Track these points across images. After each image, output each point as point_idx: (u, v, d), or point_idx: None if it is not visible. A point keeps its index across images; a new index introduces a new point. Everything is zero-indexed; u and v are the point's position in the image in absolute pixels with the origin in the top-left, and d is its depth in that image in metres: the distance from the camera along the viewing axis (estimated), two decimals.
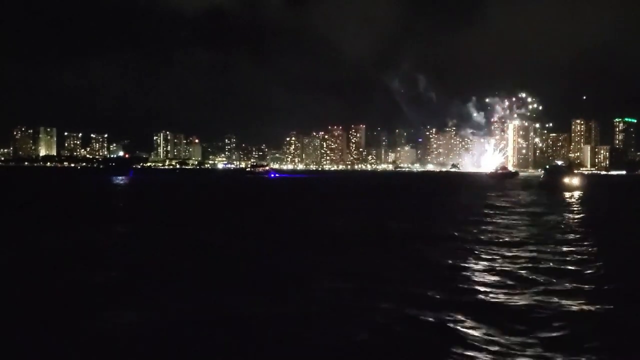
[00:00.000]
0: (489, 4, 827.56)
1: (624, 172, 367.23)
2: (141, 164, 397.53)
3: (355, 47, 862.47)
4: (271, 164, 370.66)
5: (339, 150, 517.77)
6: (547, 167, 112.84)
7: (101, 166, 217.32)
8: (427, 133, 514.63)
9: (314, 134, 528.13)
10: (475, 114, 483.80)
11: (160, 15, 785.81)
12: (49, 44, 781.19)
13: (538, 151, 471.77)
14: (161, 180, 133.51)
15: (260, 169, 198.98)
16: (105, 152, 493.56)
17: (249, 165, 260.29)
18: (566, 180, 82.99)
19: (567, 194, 72.05)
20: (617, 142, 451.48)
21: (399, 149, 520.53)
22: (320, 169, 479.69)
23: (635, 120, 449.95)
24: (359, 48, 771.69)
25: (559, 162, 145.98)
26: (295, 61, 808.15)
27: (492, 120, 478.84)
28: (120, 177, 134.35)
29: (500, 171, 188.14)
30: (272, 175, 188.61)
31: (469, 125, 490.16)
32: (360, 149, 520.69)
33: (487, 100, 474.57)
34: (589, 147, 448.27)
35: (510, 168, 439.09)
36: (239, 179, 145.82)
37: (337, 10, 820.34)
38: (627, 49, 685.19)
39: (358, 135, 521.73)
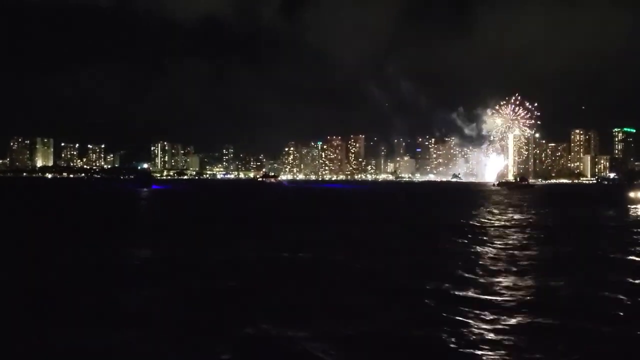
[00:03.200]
0: (483, 13, 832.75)
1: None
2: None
3: (349, 56, 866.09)
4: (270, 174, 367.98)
5: (337, 160, 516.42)
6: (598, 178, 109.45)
7: (131, 176, 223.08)
8: (426, 143, 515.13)
9: (312, 144, 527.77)
10: (466, 125, 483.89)
11: (156, 24, 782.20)
12: (43, 54, 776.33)
13: (537, 161, 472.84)
14: (192, 191, 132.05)
15: (272, 180, 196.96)
16: (102, 163, 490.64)
17: (258, 175, 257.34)
18: (631, 194, 77.39)
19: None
20: (616, 152, 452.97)
21: (398, 159, 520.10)
22: (320, 179, 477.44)
23: (634, 130, 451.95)
24: (353, 57, 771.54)
25: (611, 175, 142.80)
26: (291, 70, 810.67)
27: (488, 130, 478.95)
28: (144, 189, 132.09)
29: (522, 182, 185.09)
30: (285, 184, 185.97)
31: (460, 136, 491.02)
32: (360, 159, 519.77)
33: (478, 110, 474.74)
34: (588, 157, 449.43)
35: (510, 178, 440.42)
36: (275, 189, 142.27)
37: (332, 19, 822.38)
38: (625, 58, 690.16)
39: (357, 145, 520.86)
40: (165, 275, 19.96)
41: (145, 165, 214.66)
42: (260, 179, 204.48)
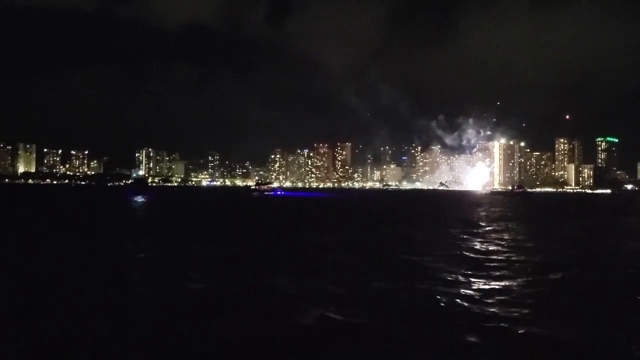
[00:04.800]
0: (468, 22, 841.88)
1: (608, 191, 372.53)
2: (124, 181, 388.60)
3: (334, 63, 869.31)
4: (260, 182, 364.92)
5: (324, 167, 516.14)
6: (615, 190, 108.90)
7: (129, 182, 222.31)
8: (412, 151, 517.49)
9: (299, 151, 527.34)
10: (447, 133, 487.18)
11: (141, 30, 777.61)
12: (27, 59, 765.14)
13: (522, 169, 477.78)
14: (190, 199, 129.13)
15: (265, 187, 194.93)
16: (86, 169, 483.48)
17: (252, 183, 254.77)
18: None
19: None
20: (599, 161, 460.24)
21: (384, 166, 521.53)
22: (307, 186, 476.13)
23: (617, 140, 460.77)
24: (338, 64, 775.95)
25: (628, 187, 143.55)
26: (277, 77, 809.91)
27: (472, 139, 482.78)
28: (140, 197, 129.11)
29: (519, 190, 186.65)
30: (279, 193, 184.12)
31: (441, 144, 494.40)
32: (347, 167, 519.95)
33: (460, 119, 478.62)
34: (573, 166, 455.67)
35: (497, 187, 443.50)
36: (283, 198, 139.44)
37: (317, 26, 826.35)
38: (608, 68, 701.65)
39: (344, 152, 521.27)
40: None
41: (141, 172, 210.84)
42: (255, 187, 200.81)
